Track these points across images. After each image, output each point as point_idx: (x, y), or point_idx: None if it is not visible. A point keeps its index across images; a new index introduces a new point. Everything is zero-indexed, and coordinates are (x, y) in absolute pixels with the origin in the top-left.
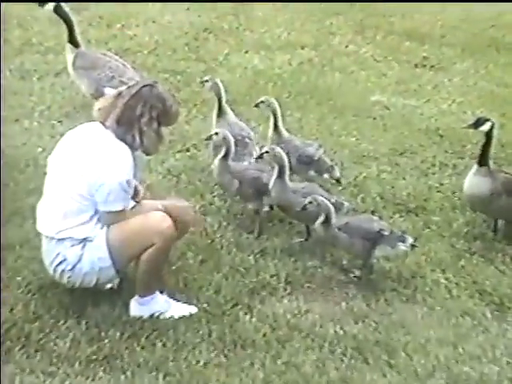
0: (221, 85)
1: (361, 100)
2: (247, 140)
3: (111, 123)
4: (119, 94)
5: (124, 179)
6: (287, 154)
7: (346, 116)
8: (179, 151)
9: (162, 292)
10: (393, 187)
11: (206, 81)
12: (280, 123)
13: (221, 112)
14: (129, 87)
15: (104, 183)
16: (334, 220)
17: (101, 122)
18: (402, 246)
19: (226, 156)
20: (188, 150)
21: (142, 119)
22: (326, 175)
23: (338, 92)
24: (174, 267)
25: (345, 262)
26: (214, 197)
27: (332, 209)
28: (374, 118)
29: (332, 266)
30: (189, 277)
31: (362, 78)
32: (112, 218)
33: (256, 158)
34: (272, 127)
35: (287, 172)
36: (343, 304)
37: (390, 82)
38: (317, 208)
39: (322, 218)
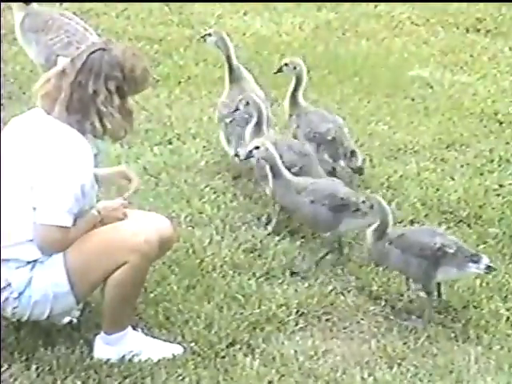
0: (228, 39)
1: (395, 76)
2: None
3: (59, 113)
4: (63, 72)
5: (77, 183)
6: (297, 128)
7: (375, 97)
8: (158, 144)
9: (135, 327)
10: (438, 190)
11: (209, 34)
12: (300, 91)
13: (233, 75)
14: (72, 60)
15: (47, 185)
16: (390, 229)
17: (47, 112)
18: (473, 269)
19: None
20: (170, 143)
21: (97, 98)
22: (342, 162)
23: (366, 65)
24: (152, 294)
25: (375, 288)
26: (205, 203)
27: (388, 209)
28: (413, 100)
29: (359, 292)
30: (171, 307)
31: (397, 47)
32: (48, 236)
33: (245, 159)
34: (289, 95)
35: (282, 169)
36: (373, 342)
37: (434, 52)
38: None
39: (375, 225)
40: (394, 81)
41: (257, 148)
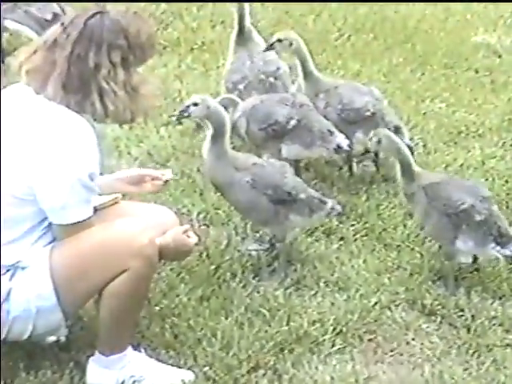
0: None
1: (455, 42)
2: (271, 80)
3: (55, 92)
4: (54, 43)
5: (85, 172)
6: (326, 107)
7: (431, 68)
8: (166, 124)
9: (137, 347)
10: (507, 182)
11: None
12: (311, 65)
13: (243, 37)
14: (65, 28)
15: (52, 180)
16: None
17: (36, 91)
18: (493, 251)
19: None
20: (180, 123)
21: (99, 73)
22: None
23: (419, 29)
24: (157, 308)
25: (429, 301)
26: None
27: (400, 145)
28: (477, 71)
29: (409, 306)
30: (181, 323)
31: (458, 8)
32: (69, 235)
33: (177, 119)
34: (302, 75)
35: (226, 136)
36: (426, 368)
37: (503, 14)
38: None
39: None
40: (454, 48)
41: (195, 105)
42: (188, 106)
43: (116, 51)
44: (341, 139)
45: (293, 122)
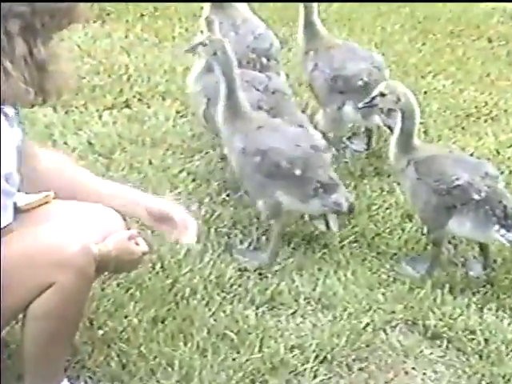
0: None
1: (464, 5)
2: (264, 61)
3: None
4: None
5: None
6: (314, 71)
7: (434, 37)
8: (110, 107)
9: (74, 381)
10: None
11: None
12: (314, 15)
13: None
14: None
15: None
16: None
17: None
18: (497, 234)
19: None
20: (128, 106)
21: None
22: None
23: None
24: (101, 331)
25: (432, 322)
26: (179, 195)
27: (415, 107)
28: (490, 41)
29: (408, 328)
30: (130, 350)
31: None
32: None
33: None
34: (302, 25)
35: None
36: None
37: None
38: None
39: (398, 129)
40: (462, 13)
41: (204, 45)
42: (197, 45)
43: (14, 19)
44: (318, 137)
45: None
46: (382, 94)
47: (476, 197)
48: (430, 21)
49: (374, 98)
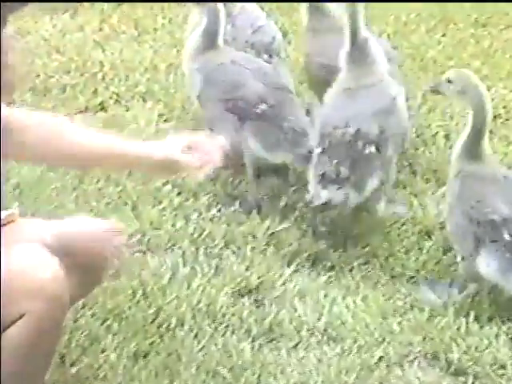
0: None
1: None
2: (265, 57)
3: None
4: None
5: None
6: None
7: (455, 26)
8: (82, 109)
9: None
10: None
11: None
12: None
13: None
14: None
15: None
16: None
17: None
18: None
19: None
20: (102, 108)
21: None
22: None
23: None
24: (74, 369)
25: (456, 356)
26: (163, 212)
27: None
28: None
29: (428, 363)
30: None
31: None
32: None
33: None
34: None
35: None
36: None
37: None
38: None
39: (468, 128)
40: None
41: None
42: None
43: None
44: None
45: (262, 107)
46: (449, 81)
47: (507, 238)
48: (450, 8)
49: (439, 84)
